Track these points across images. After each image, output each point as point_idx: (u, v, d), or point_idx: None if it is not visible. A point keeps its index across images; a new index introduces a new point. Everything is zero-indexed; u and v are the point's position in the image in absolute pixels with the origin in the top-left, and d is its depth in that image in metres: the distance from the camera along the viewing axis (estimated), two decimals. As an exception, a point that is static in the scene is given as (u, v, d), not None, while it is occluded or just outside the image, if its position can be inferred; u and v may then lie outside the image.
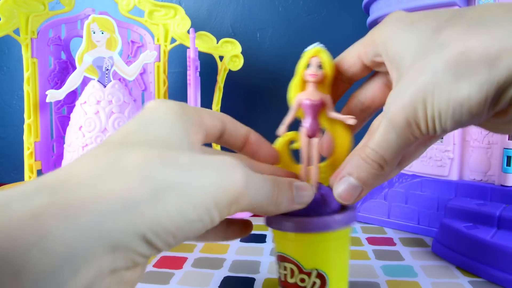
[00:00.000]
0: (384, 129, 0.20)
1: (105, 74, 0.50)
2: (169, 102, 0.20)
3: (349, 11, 0.66)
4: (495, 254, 0.32)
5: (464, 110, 0.17)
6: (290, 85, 0.25)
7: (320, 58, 0.24)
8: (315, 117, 0.25)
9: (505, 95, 0.17)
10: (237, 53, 0.59)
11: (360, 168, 0.21)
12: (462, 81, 0.17)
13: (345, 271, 0.25)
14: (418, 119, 0.18)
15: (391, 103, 0.19)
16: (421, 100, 0.18)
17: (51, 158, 0.55)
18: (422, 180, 0.45)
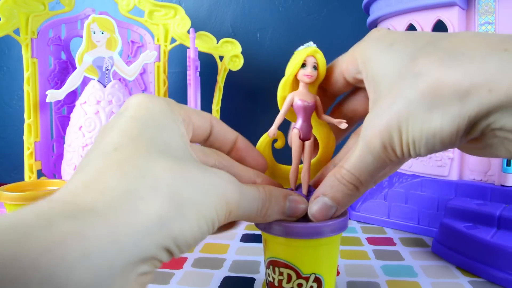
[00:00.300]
0: (361, 151, 0.20)
1: (105, 74, 0.50)
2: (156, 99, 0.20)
3: (349, 11, 0.66)
4: (495, 254, 0.32)
5: (436, 140, 0.18)
6: (280, 84, 0.24)
7: (316, 58, 0.23)
8: (308, 119, 0.24)
9: (477, 127, 0.17)
10: (237, 53, 0.59)
11: (335, 188, 0.22)
12: (434, 113, 0.18)
13: (335, 271, 0.26)
14: (394, 144, 0.19)
15: (368, 126, 0.20)
16: (396, 127, 0.19)
17: (51, 158, 0.55)
18: (422, 180, 0.45)
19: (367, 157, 0.20)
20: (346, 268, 0.35)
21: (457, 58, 0.17)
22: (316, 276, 0.24)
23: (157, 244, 0.15)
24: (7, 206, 0.35)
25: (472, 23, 0.40)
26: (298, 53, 0.24)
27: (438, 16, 0.41)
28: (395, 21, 0.46)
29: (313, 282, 0.24)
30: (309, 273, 0.24)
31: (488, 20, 0.39)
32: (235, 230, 0.45)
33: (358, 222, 0.49)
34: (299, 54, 0.24)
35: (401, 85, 0.19)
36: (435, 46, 0.19)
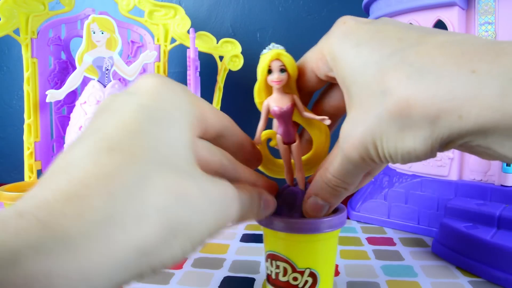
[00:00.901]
0: (341, 160, 0.21)
1: (105, 74, 0.50)
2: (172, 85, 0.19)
3: (349, 11, 0.66)
4: (495, 254, 0.32)
5: (412, 156, 0.18)
6: (255, 90, 0.24)
7: (282, 61, 0.22)
8: (288, 123, 0.24)
9: (452, 144, 0.17)
10: (237, 53, 0.59)
11: (324, 190, 0.22)
12: (406, 133, 0.17)
13: (332, 269, 0.26)
14: (371, 156, 0.19)
15: (344, 138, 0.20)
16: (371, 142, 0.18)
17: (51, 158, 0.55)
18: (422, 180, 0.45)
19: (347, 165, 0.20)
20: (346, 268, 0.35)
21: (424, 77, 0.17)
22: (311, 271, 0.24)
23: (132, 275, 0.14)
24: (7, 206, 0.35)
25: (472, 23, 0.40)
26: (263, 57, 0.23)
27: (438, 16, 0.41)
28: (395, 21, 0.46)
29: (308, 277, 0.24)
30: (304, 268, 0.24)
31: (488, 20, 0.39)
32: (235, 230, 0.45)
33: (358, 222, 0.49)
34: (263, 59, 0.23)
35: (371, 100, 0.18)
36: (403, 58, 0.18)
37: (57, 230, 0.12)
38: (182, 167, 0.16)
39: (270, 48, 0.23)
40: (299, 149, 0.24)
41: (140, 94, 0.17)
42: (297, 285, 0.25)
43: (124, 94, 0.18)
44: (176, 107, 0.18)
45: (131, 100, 0.17)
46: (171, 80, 0.19)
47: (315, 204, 0.23)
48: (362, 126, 0.19)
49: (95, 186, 0.14)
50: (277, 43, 0.24)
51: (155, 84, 0.18)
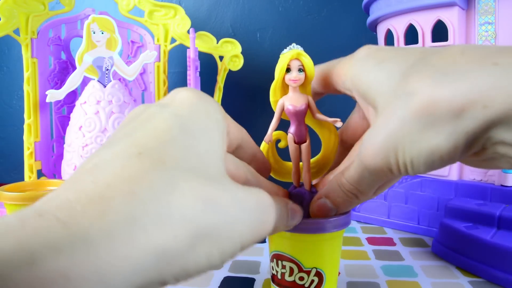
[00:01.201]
0: (357, 167, 0.21)
1: (105, 74, 0.50)
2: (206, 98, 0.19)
3: (349, 11, 0.66)
4: (495, 254, 0.32)
5: (435, 157, 0.18)
6: (271, 88, 0.24)
7: (300, 61, 0.23)
8: (301, 123, 0.24)
9: (476, 142, 0.17)
10: (237, 53, 0.59)
11: (336, 194, 0.23)
12: (430, 131, 0.17)
13: (337, 268, 0.26)
14: (390, 165, 0.19)
15: (364, 146, 0.20)
16: (392, 148, 0.18)
17: (51, 158, 0.55)
18: (422, 180, 0.45)
19: (363, 173, 0.20)
20: (346, 268, 0.35)
21: (448, 75, 0.17)
22: (317, 270, 0.25)
23: (152, 280, 0.13)
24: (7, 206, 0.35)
25: (472, 23, 0.40)
26: (283, 57, 0.24)
27: (438, 16, 0.41)
28: (395, 21, 0.46)
29: (314, 276, 0.25)
30: (310, 267, 0.25)
31: (488, 20, 0.39)
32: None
33: (358, 222, 0.49)
34: (283, 58, 0.23)
35: (394, 104, 0.19)
36: (426, 63, 0.18)
37: (76, 230, 0.12)
38: (213, 176, 0.16)
39: (290, 48, 0.24)
40: (308, 149, 0.25)
41: (174, 105, 0.17)
42: (303, 284, 0.25)
43: (157, 105, 0.18)
44: (210, 119, 0.18)
45: (165, 110, 0.17)
46: (203, 93, 0.19)
47: (323, 206, 0.23)
48: (384, 131, 0.19)
49: (119, 188, 0.13)
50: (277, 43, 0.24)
51: (189, 96, 0.18)
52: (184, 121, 0.17)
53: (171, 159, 0.15)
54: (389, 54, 0.21)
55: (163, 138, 0.16)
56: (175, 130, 0.16)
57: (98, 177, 0.14)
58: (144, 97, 0.60)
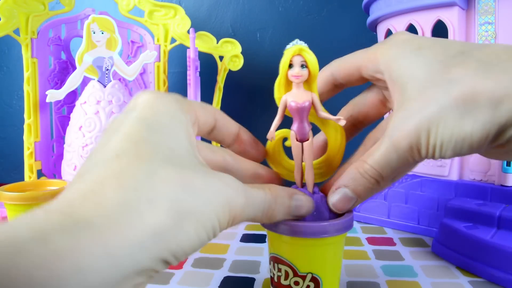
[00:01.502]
0: (386, 149, 0.21)
1: (105, 74, 0.50)
2: (164, 98, 0.20)
3: (349, 11, 0.66)
4: (495, 254, 0.32)
5: (465, 144, 0.19)
6: (275, 85, 0.24)
7: (302, 57, 0.23)
8: (303, 120, 0.24)
9: (505, 134, 0.19)
10: (237, 53, 0.59)
11: (357, 181, 0.23)
12: (466, 119, 0.18)
13: (337, 275, 0.25)
14: (420, 146, 0.20)
15: (395, 127, 0.21)
16: (425, 129, 0.19)
17: (51, 158, 0.55)
18: (422, 180, 0.45)
19: (391, 155, 0.21)
20: (346, 268, 0.35)
21: (491, 69, 0.18)
22: (313, 275, 0.24)
23: (153, 256, 0.15)
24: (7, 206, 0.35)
25: (472, 23, 0.40)
26: (285, 52, 0.23)
27: (438, 16, 0.41)
28: (395, 21, 0.46)
29: (309, 282, 0.24)
30: (305, 272, 0.24)
31: (488, 20, 0.39)
32: (235, 230, 0.45)
33: (358, 222, 0.49)
34: (285, 54, 0.23)
35: (434, 90, 0.19)
36: (468, 55, 0.19)
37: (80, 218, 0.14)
38: (185, 164, 0.18)
39: (294, 43, 0.23)
40: (311, 147, 0.24)
41: (137, 110, 0.19)
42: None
43: (123, 113, 0.19)
44: (171, 118, 0.19)
45: (130, 116, 0.19)
46: (163, 93, 0.20)
47: (344, 196, 0.23)
48: (419, 114, 0.19)
49: (107, 183, 0.16)
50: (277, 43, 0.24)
51: (149, 98, 0.20)
52: (149, 122, 0.18)
53: (146, 154, 0.17)
54: (427, 42, 0.22)
55: (134, 139, 0.17)
56: (143, 131, 0.18)
57: (86, 178, 0.16)
58: (144, 97, 0.59)
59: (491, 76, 0.18)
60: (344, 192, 0.23)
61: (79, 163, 0.48)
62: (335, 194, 0.23)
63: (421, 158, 0.21)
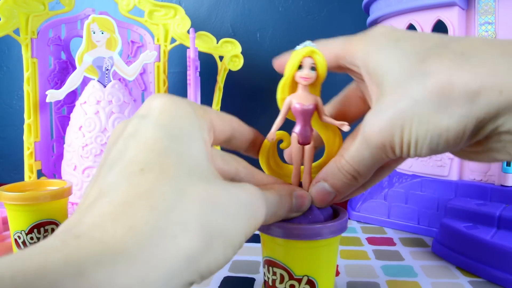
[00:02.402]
0: (359, 145, 0.20)
1: (105, 74, 0.50)
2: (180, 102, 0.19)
3: (349, 11, 0.66)
4: (495, 254, 0.32)
5: (441, 140, 0.18)
6: (279, 85, 0.23)
7: (313, 59, 0.22)
8: (307, 123, 0.23)
9: (483, 129, 0.17)
10: (237, 53, 0.59)
11: (335, 176, 0.22)
12: (442, 113, 0.17)
13: (332, 276, 0.25)
14: (393, 143, 0.19)
15: (368, 122, 0.20)
16: (399, 125, 0.18)
17: (51, 158, 0.55)
18: (422, 180, 0.45)
19: (364, 152, 0.20)
20: (346, 268, 0.35)
21: (468, 61, 0.17)
22: (309, 278, 0.23)
23: (184, 282, 0.15)
24: (7, 206, 0.35)
25: (472, 23, 0.40)
26: (295, 53, 0.23)
27: (438, 16, 0.41)
28: (395, 21, 0.46)
29: (305, 284, 0.23)
30: (301, 275, 0.23)
31: (488, 20, 0.39)
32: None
33: (358, 222, 0.49)
34: (295, 55, 0.23)
35: (408, 83, 0.18)
36: (445, 47, 0.18)
37: (113, 244, 0.13)
38: (207, 176, 0.17)
39: (304, 45, 0.23)
40: (312, 151, 0.24)
41: (153, 115, 0.18)
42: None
43: (137, 118, 0.18)
44: (189, 124, 0.18)
45: (147, 121, 0.18)
46: (177, 97, 0.19)
47: (322, 190, 0.23)
48: (392, 109, 0.18)
49: (137, 203, 0.15)
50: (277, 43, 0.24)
51: (165, 103, 0.18)
52: (169, 129, 0.17)
53: (171, 168, 0.16)
54: (405, 35, 0.20)
55: (156, 149, 0.16)
56: (165, 140, 0.17)
57: (112, 198, 0.15)
58: (144, 97, 0.60)
59: (467, 68, 0.17)
60: (322, 186, 0.23)
61: (79, 163, 0.48)
62: (314, 187, 0.23)
63: (395, 155, 0.20)
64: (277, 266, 0.24)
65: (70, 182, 0.37)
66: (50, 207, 0.35)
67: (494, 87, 0.16)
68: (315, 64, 0.22)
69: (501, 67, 0.17)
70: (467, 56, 0.17)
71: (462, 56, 0.18)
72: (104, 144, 0.47)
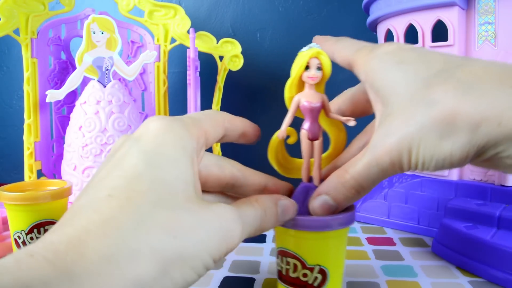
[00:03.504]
0: (368, 162, 0.21)
1: (105, 74, 0.50)
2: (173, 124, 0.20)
3: (349, 11, 0.66)
4: (495, 254, 0.32)
5: (446, 163, 0.20)
6: (286, 85, 0.25)
7: (320, 60, 0.24)
8: (315, 120, 0.25)
9: (485, 154, 0.19)
10: (237, 53, 0.59)
11: (337, 190, 0.23)
12: (446, 140, 0.19)
13: (342, 266, 0.26)
14: (402, 162, 0.20)
15: (378, 143, 0.21)
16: (406, 148, 0.20)
17: (51, 158, 0.55)
18: (422, 180, 0.45)
19: (373, 169, 0.21)
20: (346, 268, 0.35)
21: (470, 91, 0.19)
22: (320, 267, 0.25)
23: None
24: (7, 206, 0.35)
25: (472, 23, 0.40)
26: (301, 54, 0.24)
27: (438, 16, 0.41)
28: (395, 21, 0.46)
29: (317, 273, 0.25)
30: (314, 264, 0.25)
31: (488, 20, 0.39)
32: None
33: (358, 222, 0.49)
34: (302, 56, 0.24)
35: (415, 109, 0.20)
36: (450, 75, 0.20)
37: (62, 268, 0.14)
38: (179, 203, 0.18)
39: (310, 46, 0.24)
40: (321, 146, 0.25)
41: (143, 139, 0.19)
42: (306, 281, 0.25)
43: (131, 140, 0.19)
44: (176, 148, 0.19)
45: (135, 147, 0.19)
46: (172, 119, 0.20)
47: (324, 203, 0.23)
48: (401, 132, 0.20)
49: (93, 231, 0.16)
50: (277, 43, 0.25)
51: (157, 127, 0.20)
52: (149, 156, 0.18)
53: (137, 195, 0.17)
54: (410, 56, 0.22)
55: (130, 175, 0.17)
56: (141, 166, 0.18)
57: (76, 222, 0.16)
58: (144, 97, 0.60)
59: (469, 98, 0.18)
60: (324, 199, 0.23)
61: (79, 163, 0.48)
62: (316, 200, 0.24)
63: (402, 171, 0.21)
64: (290, 256, 0.25)
65: (70, 182, 0.37)
66: (50, 207, 0.35)
67: (494, 120, 0.18)
68: (321, 64, 0.24)
69: (500, 100, 0.18)
70: (470, 86, 0.19)
71: (464, 86, 0.19)
72: (104, 144, 0.48)
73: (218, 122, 0.23)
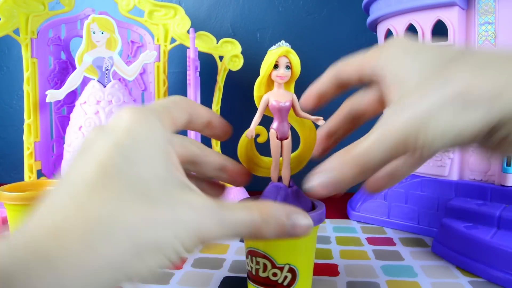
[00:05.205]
0: (375, 139, 0.21)
1: (105, 74, 0.50)
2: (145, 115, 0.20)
3: (349, 11, 0.66)
4: (495, 254, 0.32)
5: (459, 138, 0.19)
6: (256, 84, 0.25)
7: (289, 58, 0.24)
8: (284, 119, 0.25)
9: (497, 133, 0.19)
10: (237, 53, 0.59)
11: (342, 166, 0.22)
12: (461, 114, 0.19)
13: (311, 264, 0.27)
14: (415, 138, 0.20)
15: (387, 119, 0.20)
16: (419, 122, 0.19)
17: (51, 158, 0.55)
18: (422, 180, 0.45)
19: (380, 145, 0.20)
20: (346, 268, 0.35)
21: (486, 69, 0.19)
22: (290, 266, 0.25)
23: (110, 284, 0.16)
24: (7, 206, 0.35)
25: (472, 23, 0.40)
26: (270, 53, 0.24)
27: (438, 16, 0.41)
28: (395, 21, 0.46)
29: (287, 272, 0.25)
30: (283, 264, 0.25)
31: (488, 20, 0.39)
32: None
33: (358, 222, 0.49)
34: (271, 55, 0.24)
35: (431, 85, 0.20)
36: (464, 58, 0.20)
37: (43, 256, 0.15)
38: (154, 196, 0.18)
39: (279, 45, 0.24)
40: (290, 146, 0.25)
41: (116, 132, 0.19)
42: (276, 280, 0.25)
43: (103, 133, 0.20)
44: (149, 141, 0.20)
45: (108, 140, 0.19)
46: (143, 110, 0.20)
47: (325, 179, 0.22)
48: (413, 108, 0.20)
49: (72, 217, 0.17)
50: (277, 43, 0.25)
51: (129, 120, 0.20)
52: (125, 149, 0.19)
53: (114, 188, 0.18)
54: (426, 46, 0.22)
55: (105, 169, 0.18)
56: (117, 160, 0.18)
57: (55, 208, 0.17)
58: (144, 97, 0.60)
59: (486, 74, 0.19)
60: (325, 176, 0.22)
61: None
62: (317, 176, 0.22)
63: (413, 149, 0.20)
64: (259, 255, 0.25)
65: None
66: (50, 207, 0.35)
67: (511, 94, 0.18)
68: (290, 63, 0.24)
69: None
70: (485, 65, 0.19)
71: (482, 65, 0.19)
72: (104, 144, 0.47)
73: (183, 108, 0.23)
